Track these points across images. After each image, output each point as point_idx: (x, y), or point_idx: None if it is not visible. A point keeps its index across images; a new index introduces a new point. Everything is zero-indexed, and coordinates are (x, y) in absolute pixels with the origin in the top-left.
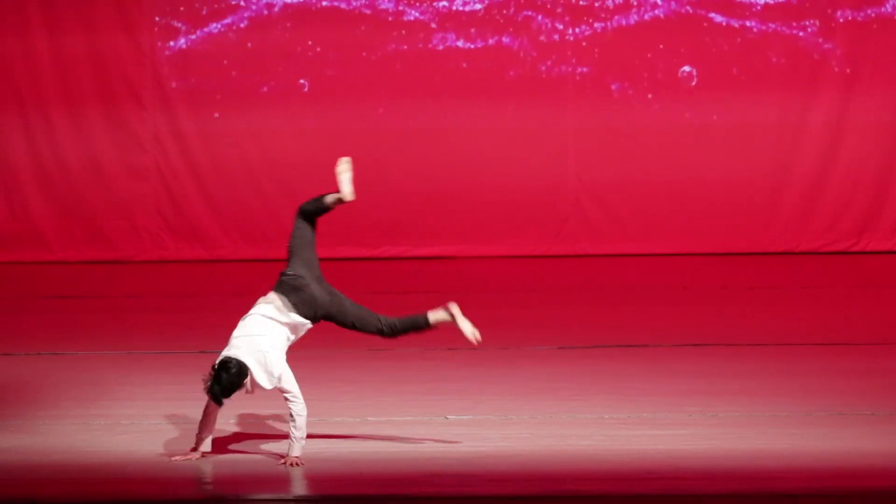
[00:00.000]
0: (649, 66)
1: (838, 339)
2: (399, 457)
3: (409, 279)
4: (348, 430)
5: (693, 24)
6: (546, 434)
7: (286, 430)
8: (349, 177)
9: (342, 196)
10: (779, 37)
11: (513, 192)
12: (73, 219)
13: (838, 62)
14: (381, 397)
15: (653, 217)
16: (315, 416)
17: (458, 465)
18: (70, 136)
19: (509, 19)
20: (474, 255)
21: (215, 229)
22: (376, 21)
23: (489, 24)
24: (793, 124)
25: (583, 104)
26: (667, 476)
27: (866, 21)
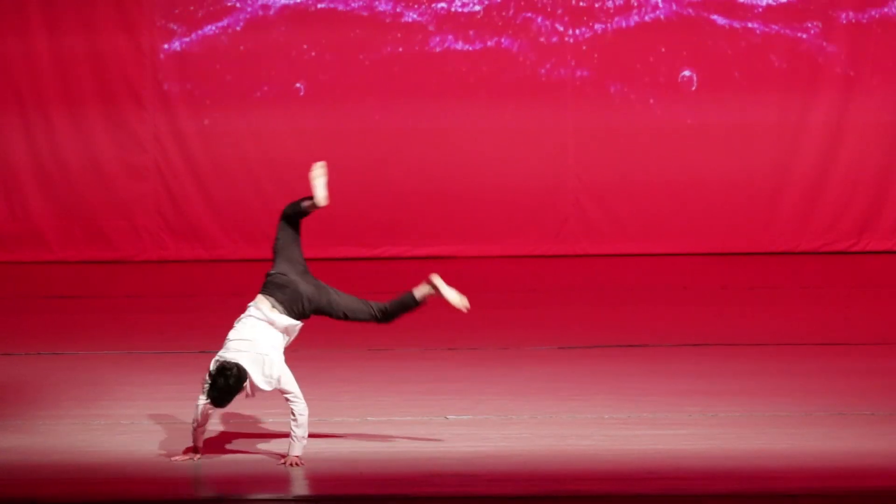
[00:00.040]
0: (649, 67)
1: (838, 339)
2: (399, 457)
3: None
4: (348, 430)
5: (693, 26)
6: (546, 434)
7: (286, 430)
8: (324, 182)
9: (316, 201)
10: (779, 37)
11: (513, 192)
12: (73, 219)
13: (838, 62)
14: (381, 397)
15: (653, 217)
16: (315, 416)
17: (458, 465)
18: (70, 136)
19: (509, 21)
20: (474, 255)
21: (215, 229)
22: (377, 23)
23: (489, 25)
24: (793, 124)
25: (583, 104)
26: (667, 476)
27: (866, 21)
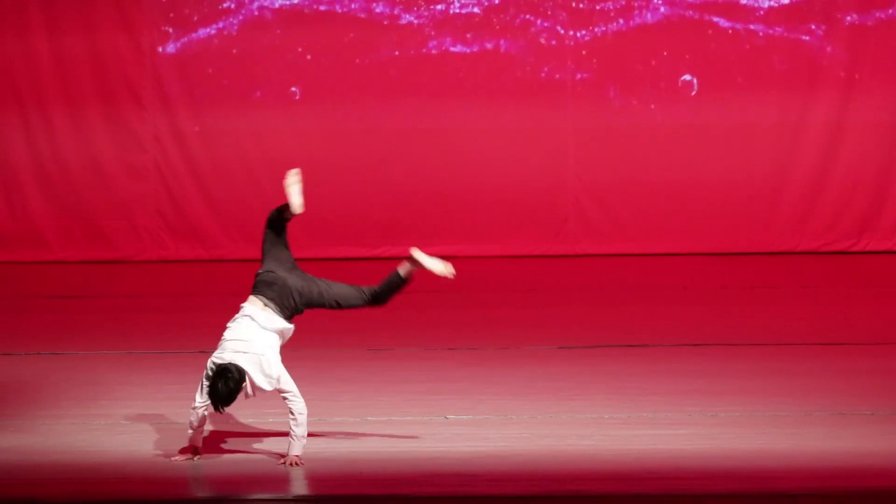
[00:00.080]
0: (649, 68)
1: (838, 339)
2: (399, 457)
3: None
4: (348, 430)
5: (693, 27)
6: (546, 434)
7: (286, 430)
8: (298, 189)
9: (292, 209)
10: (778, 37)
11: (513, 192)
12: (73, 219)
13: (838, 62)
14: (381, 397)
15: (653, 217)
16: (315, 416)
17: (458, 465)
18: (70, 136)
19: (508, 22)
20: (474, 255)
21: (215, 229)
22: (377, 24)
23: (489, 26)
24: (793, 124)
25: (583, 105)
26: (667, 476)
27: (866, 22)
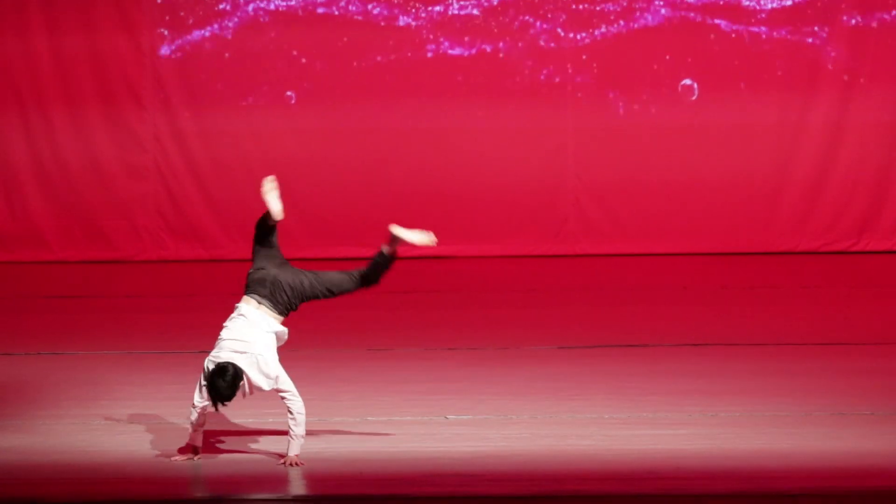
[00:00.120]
0: (649, 69)
1: (838, 339)
2: (399, 457)
3: (410, 279)
4: (348, 430)
5: (693, 28)
6: (546, 434)
7: (285, 429)
8: (276, 195)
9: (272, 216)
10: (779, 38)
11: (513, 192)
12: (73, 219)
13: (838, 62)
14: (381, 397)
15: (653, 217)
16: (315, 415)
17: (458, 465)
18: (70, 136)
19: (508, 24)
20: (474, 255)
21: (215, 229)
22: (378, 26)
23: (489, 28)
24: (793, 124)
25: (583, 105)
26: (667, 476)
27: (866, 23)
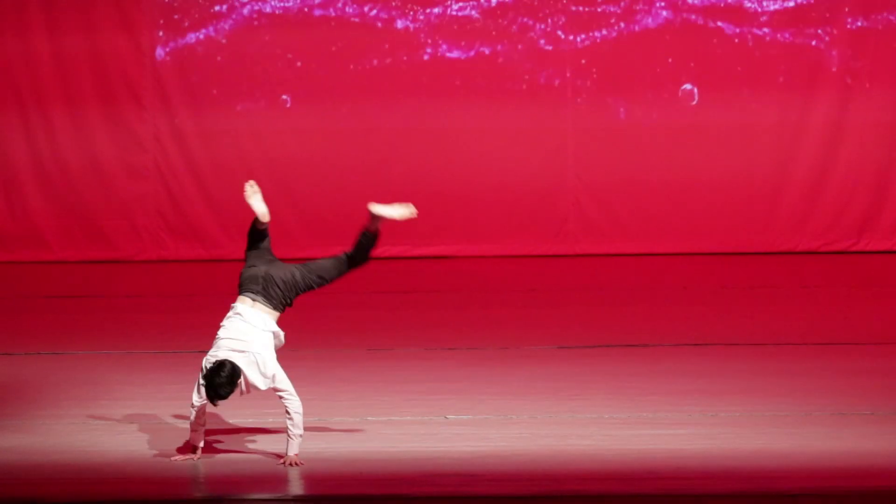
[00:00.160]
0: (649, 71)
1: (838, 339)
2: (399, 457)
3: (410, 279)
4: (348, 430)
5: (693, 30)
6: (546, 434)
7: (284, 429)
8: (259, 197)
9: (259, 218)
10: (779, 39)
11: (513, 192)
12: (73, 219)
13: (838, 63)
14: (381, 397)
15: (653, 217)
16: (315, 415)
17: (458, 465)
18: (70, 136)
19: (508, 25)
20: (474, 255)
21: (215, 229)
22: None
23: (489, 29)
24: (793, 124)
25: (582, 105)
26: (667, 476)
27: (867, 23)
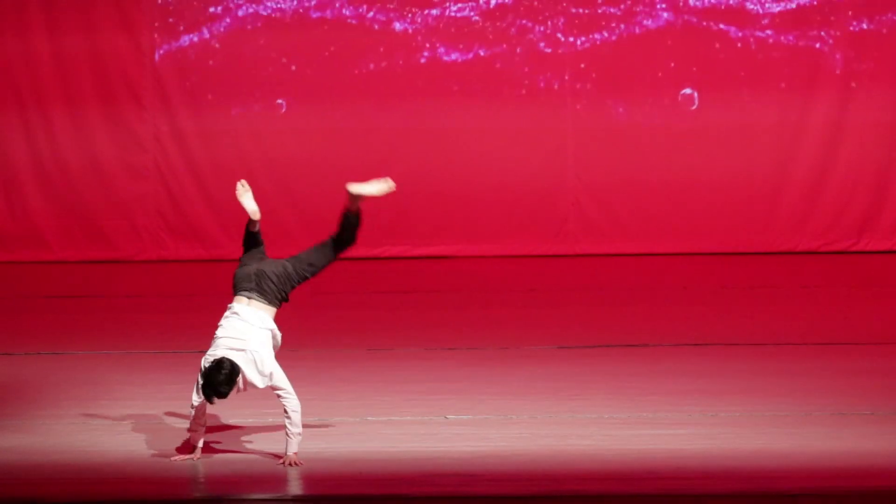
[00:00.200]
0: (649, 73)
1: (838, 339)
2: (399, 457)
3: (409, 279)
4: (348, 430)
5: (693, 31)
6: (546, 434)
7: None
8: (250, 196)
9: (251, 216)
10: (779, 39)
11: (513, 192)
12: (73, 219)
13: (838, 62)
14: (381, 397)
15: (653, 217)
16: (314, 415)
17: (458, 465)
18: (70, 136)
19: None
20: (474, 255)
21: (215, 229)
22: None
23: (489, 30)
24: (793, 124)
25: (582, 105)
26: (667, 476)
27: (867, 24)
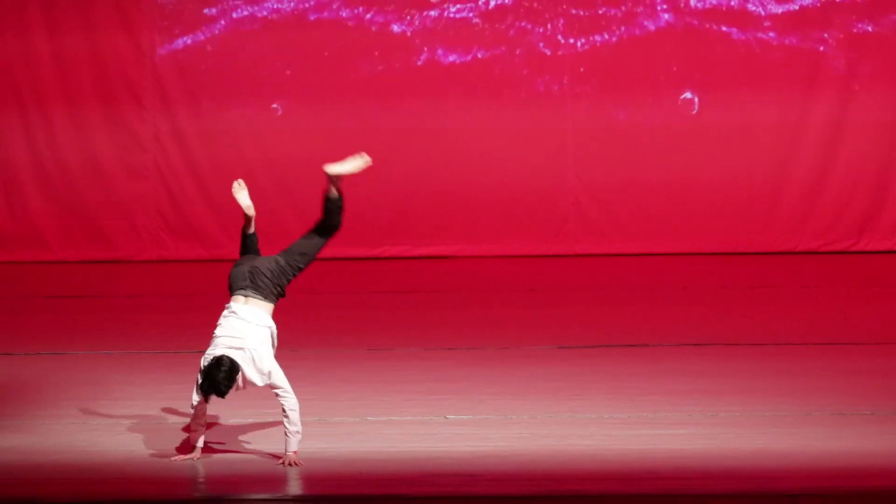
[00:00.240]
0: (649, 74)
1: (838, 339)
2: (399, 457)
3: (409, 279)
4: (347, 430)
5: (693, 31)
6: (546, 434)
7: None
8: (245, 194)
9: (245, 212)
10: (779, 39)
11: (513, 192)
12: (73, 219)
13: (838, 63)
14: (381, 397)
15: (653, 217)
16: (314, 415)
17: (458, 465)
18: (70, 136)
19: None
20: (474, 255)
21: (215, 229)
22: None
23: (489, 30)
24: (793, 124)
25: (582, 106)
26: (667, 476)
27: (867, 25)
